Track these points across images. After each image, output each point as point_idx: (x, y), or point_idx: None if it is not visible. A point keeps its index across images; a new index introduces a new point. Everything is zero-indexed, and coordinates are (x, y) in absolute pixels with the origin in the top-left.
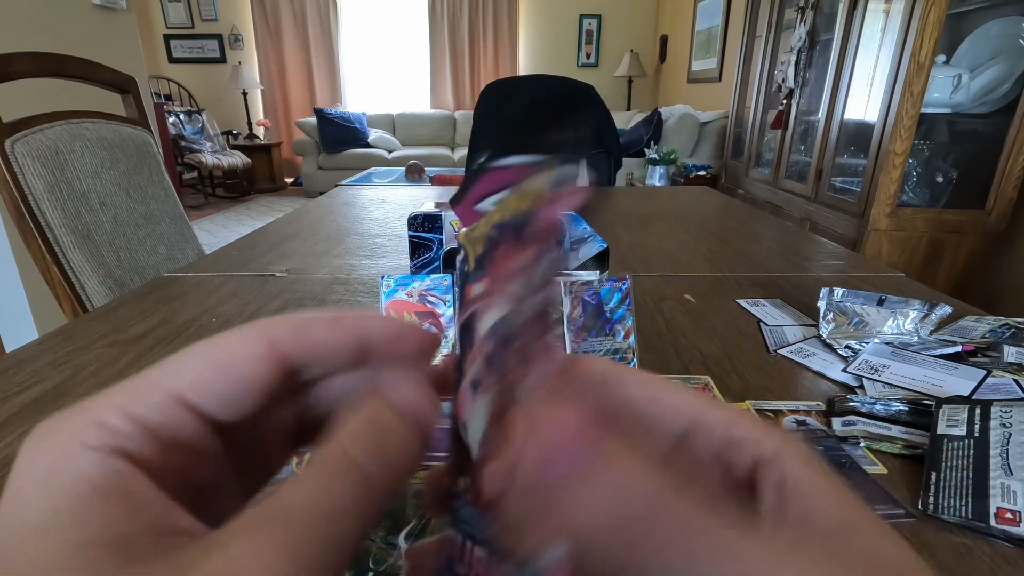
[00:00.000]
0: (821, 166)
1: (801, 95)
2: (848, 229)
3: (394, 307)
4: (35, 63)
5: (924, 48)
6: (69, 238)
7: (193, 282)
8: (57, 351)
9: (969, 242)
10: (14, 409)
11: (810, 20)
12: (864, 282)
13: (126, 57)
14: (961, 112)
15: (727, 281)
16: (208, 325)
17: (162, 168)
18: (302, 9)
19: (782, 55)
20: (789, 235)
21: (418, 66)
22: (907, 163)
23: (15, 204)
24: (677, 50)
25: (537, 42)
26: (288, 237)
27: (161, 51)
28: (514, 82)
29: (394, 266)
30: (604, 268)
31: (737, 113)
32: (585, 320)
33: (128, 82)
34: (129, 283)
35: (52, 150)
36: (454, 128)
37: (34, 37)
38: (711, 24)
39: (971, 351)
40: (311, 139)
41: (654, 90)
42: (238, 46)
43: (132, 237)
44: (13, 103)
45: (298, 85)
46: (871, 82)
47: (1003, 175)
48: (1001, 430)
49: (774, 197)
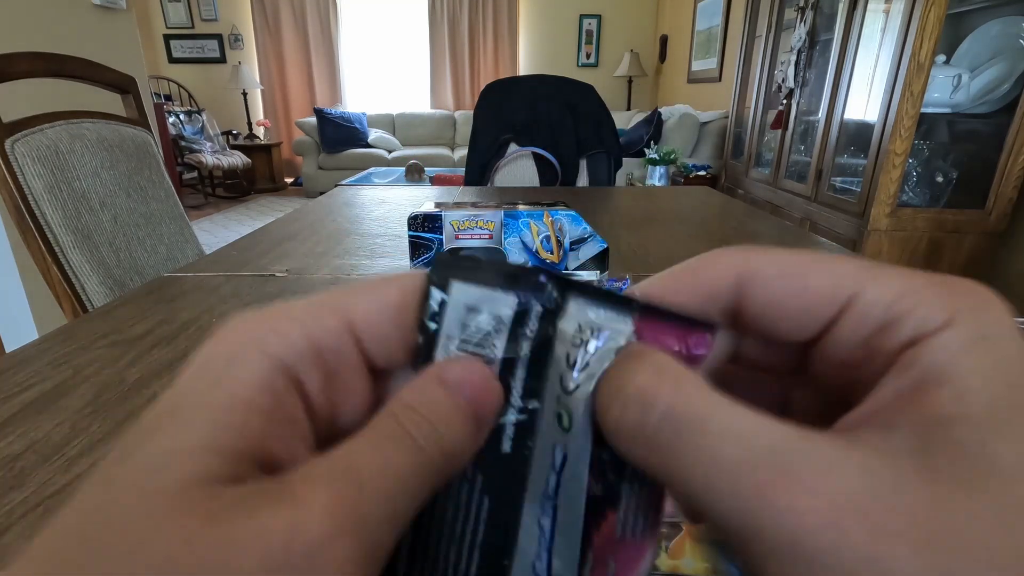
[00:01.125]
0: (821, 166)
1: (801, 95)
2: (848, 229)
3: None
4: (35, 63)
5: (924, 48)
6: (69, 238)
7: (193, 282)
8: (57, 351)
9: (969, 242)
10: (14, 409)
11: (810, 20)
12: None
13: (126, 57)
14: (961, 112)
15: None
16: (208, 325)
17: (162, 168)
18: (302, 9)
19: (782, 55)
20: (789, 235)
21: (418, 66)
22: (907, 163)
23: (15, 204)
24: (677, 50)
25: (537, 42)
26: (288, 237)
27: (161, 51)
28: (514, 82)
29: (394, 266)
30: (604, 268)
31: (737, 113)
32: None
33: (128, 82)
34: (129, 283)
35: (52, 150)
36: (454, 128)
37: (34, 37)
38: (711, 24)
39: None
40: (311, 139)
41: (654, 90)
42: (238, 46)
43: (132, 237)
44: (13, 103)
45: (298, 85)
46: (871, 82)
47: (1003, 175)
48: None
49: (774, 197)
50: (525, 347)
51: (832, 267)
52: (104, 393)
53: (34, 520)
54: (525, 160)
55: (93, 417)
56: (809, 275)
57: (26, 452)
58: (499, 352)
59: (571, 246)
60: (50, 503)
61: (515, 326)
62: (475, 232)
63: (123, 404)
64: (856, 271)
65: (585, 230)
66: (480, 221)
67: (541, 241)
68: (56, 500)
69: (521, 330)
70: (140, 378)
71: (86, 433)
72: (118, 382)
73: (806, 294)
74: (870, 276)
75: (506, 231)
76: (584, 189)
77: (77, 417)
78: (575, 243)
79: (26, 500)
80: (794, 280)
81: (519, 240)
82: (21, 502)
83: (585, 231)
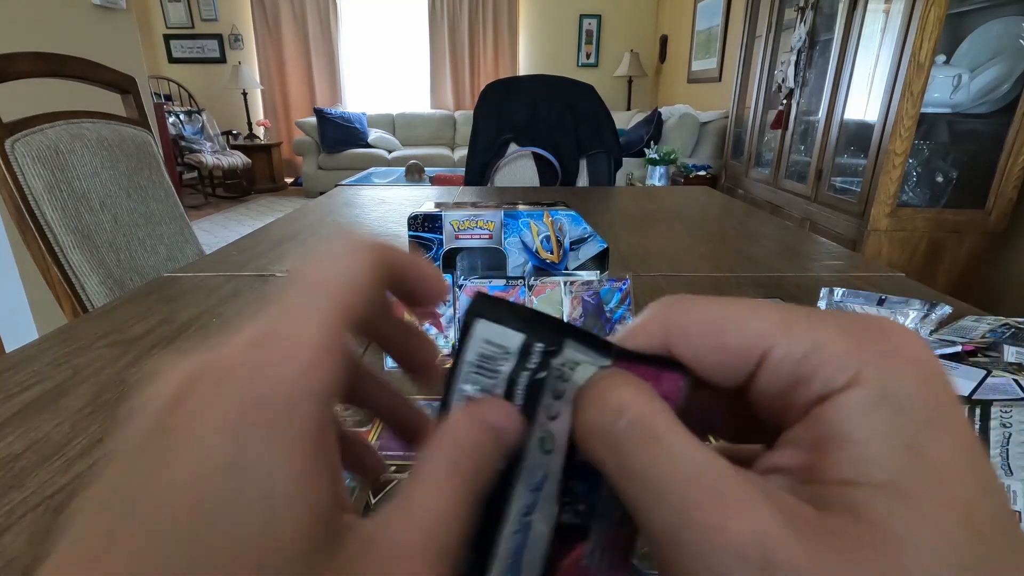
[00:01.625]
0: (821, 166)
1: (801, 95)
2: (848, 229)
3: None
4: (35, 63)
5: (924, 48)
6: (69, 238)
7: (193, 282)
8: (57, 351)
9: (969, 242)
10: (14, 409)
11: (810, 20)
12: (864, 282)
13: (126, 57)
14: (961, 112)
15: (727, 281)
16: (208, 325)
17: (162, 168)
18: (302, 9)
19: (782, 55)
20: (789, 235)
21: (418, 66)
22: (907, 163)
23: (15, 204)
24: (677, 50)
25: (537, 42)
26: (288, 237)
27: (161, 51)
28: (514, 82)
29: None
30: (604, 268)
31: (737, 113)
32: (585, 320)
33: (128, 82)
34: (129, 283)
35: (52, 150)
36: (454, 128)
37: (34, 37)
38: (711, 24)
39: (971, 351)
40: (311, 139)
41: (654, 90)
42: (238, 46)
43: (132, 237)
44: (13, 103)
45: (298, 85)
46: (871, 82)
47: (1003, 175)
48: (1001, 430)
49: (774, 197)
50: (524, 377)
51: (750, 321)
52: (104, 393)
53: (34, 520)
54: (525, 160)
55: (93, 417)
56: (726, 332)
57: (26, 452)
58: (503, 376)
59: (571, 246)
60: (50, 503)
61: (519, 359)
62: (475, 232)
63: (123, 404)
64: (771, 326)
65: (585, 230)
66: (480, 221)
67: (541, 241)
68: (56, 500)
69: (523, 362)
70: (140, 378)
71: (86, 433)
72: (118, 382)
73: (724, 351)
74: (783, 330)
75: (506, 231)
76: (584, 189)
77: (77, 417)
78: (575, 243)
79: (26, 500)
80: (712, 338)
81: (519, 240)
82: (21, 502)
83: (585, 231)
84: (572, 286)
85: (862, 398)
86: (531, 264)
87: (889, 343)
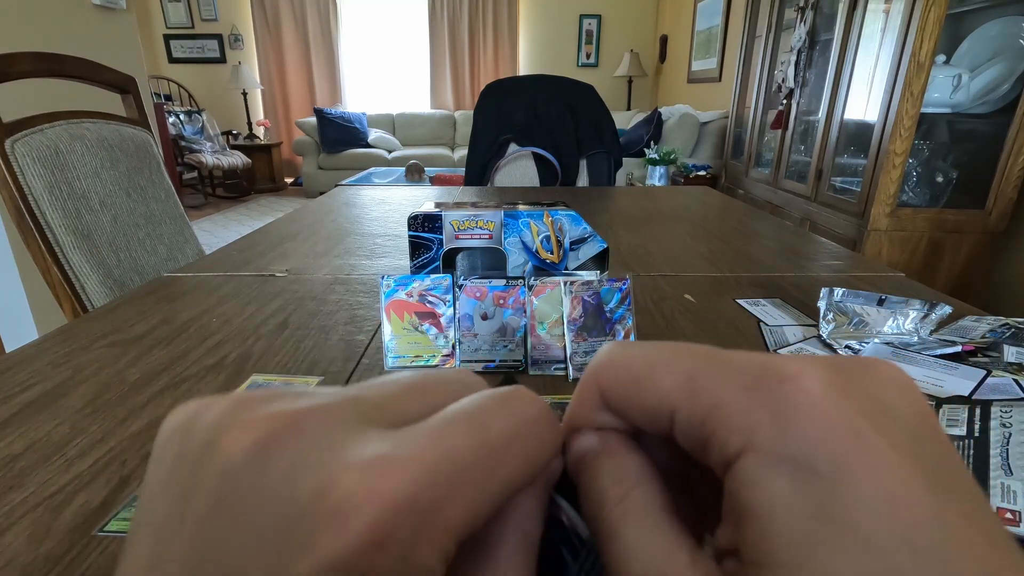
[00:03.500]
0: (821, 166)
1: (801, 95)
2: (848, 229)
3: (394, 307)
4: (35, 63)
5: (924, 48)
6: (69, 238)
7: (193, 282)
8: (57, 351)
9: (969, 242)
10: (14, 409)
11: (810, 20)
12: (864, 282)
13: (126, 57)
14: (961, 112)
15: (727, 281)
16: (208, 325)
17: (162, 168)
18: (302, 9)
19: (782, 55)
20: (789, 235)
21: (418, 66)
22: (907, 163)
23: (15, 204)
24: (677, 50)
25: (537, 42)
26: (288, 237)
27: (161, 51)
28: (514, 82)
29: (394, 266)
30: (604, 268)
31: (737, 113)
32: (585, 320)
33: (128, 82)
34: (129, 283)
35: (52, 150)
36: (454, 128)
37: (34, 37)
38: (711, 24)
39: (971, 351)
40: (311, 139)
41: (654, 90)
42: (238, 46)
43: (132, 237)
44: (13, 103)
45: (298, 85)
46: (871, 82)
47: (1003, 175)
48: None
49: (774, 197)
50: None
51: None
52: (104, 393)
53: (34, 520)
54: (525, 160)
55: (93, 417)
56: (643, 391)
57: (26, 452)
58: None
59: (571, 246)
60: (50, 503)
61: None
62: (475, 232)
63: (123, 404)
64: (678, 385)
65: (585, 230)
66: (480, 221)
67: (541, 241)
68: (56, 500)
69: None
70: (140, 378)
71: (86, 433)
72: (118, 382)
73: (642, 410)
74: (687, 390)
75: (506, 231)
76: (584, 189)
77: (77, 417)
78: (575, 243)
79: (26, 500)
80: (633, 398)
81: (519, 240)
82: (21, 502)
83: (585, 231)
84: (572, 286)
85: (755, 464)
86: (531, 264)
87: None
